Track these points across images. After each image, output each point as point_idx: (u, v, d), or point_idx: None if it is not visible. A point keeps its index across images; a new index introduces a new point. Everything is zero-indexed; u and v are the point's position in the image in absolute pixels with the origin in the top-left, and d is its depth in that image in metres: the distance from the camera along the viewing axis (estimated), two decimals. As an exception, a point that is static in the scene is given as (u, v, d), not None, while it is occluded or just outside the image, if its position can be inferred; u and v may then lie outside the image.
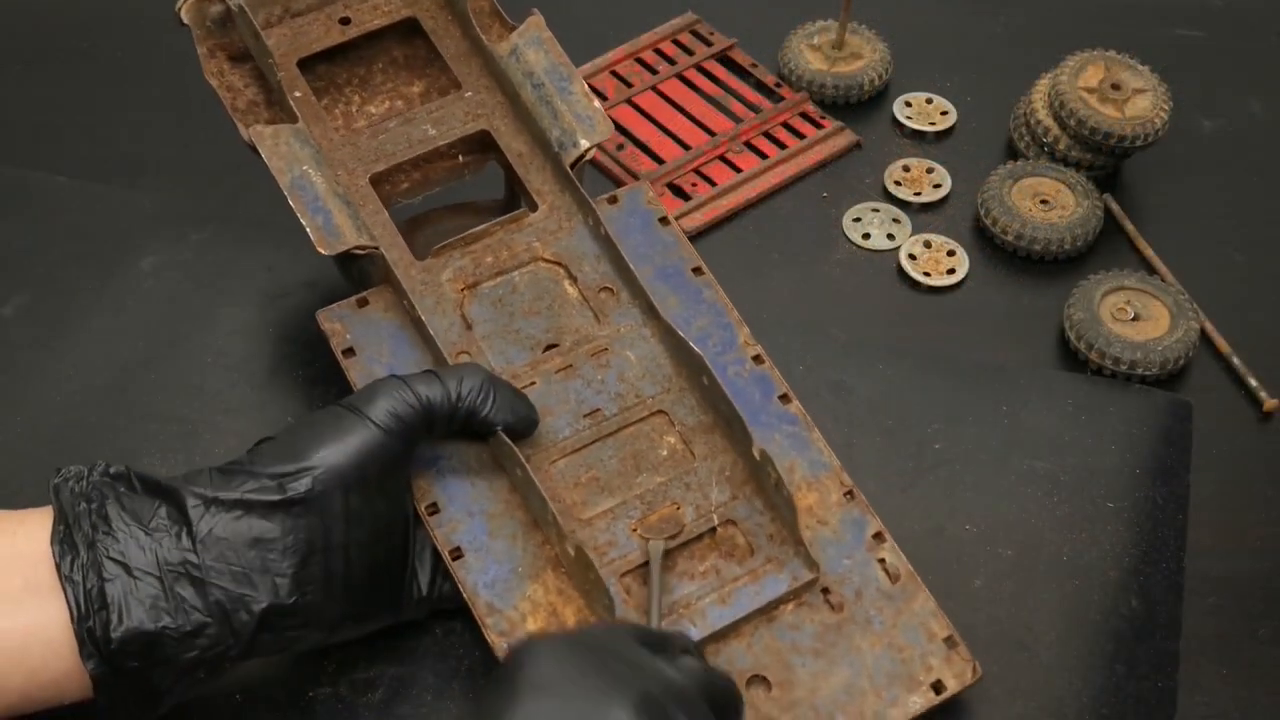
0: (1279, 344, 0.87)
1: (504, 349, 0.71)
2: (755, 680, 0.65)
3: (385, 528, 0.64)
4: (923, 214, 0.93)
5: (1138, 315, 0.85)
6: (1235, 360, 0.85)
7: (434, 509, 0.67)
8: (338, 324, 0.71)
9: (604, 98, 0.97)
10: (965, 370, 0.83)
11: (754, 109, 0.97)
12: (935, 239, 0.91)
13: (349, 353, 0.70)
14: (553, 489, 0.68)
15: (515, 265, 0.73)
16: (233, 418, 0.78)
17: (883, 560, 0.67)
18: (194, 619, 0.59)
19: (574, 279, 0.73)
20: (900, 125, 0.98)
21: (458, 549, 0.66)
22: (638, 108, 0.97)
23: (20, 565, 0.59)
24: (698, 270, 0.74)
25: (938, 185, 0.94)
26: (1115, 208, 0.93)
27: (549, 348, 0.71)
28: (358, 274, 0.74)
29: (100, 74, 0.99)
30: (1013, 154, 0.96)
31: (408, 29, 0.79)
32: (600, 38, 0.99)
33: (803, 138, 0.96)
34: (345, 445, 0.62)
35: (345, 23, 0.78)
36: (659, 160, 0.93)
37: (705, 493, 0.68)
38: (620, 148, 0.94)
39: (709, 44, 1.01)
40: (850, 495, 0.69)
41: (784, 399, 0.71)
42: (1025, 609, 0.72)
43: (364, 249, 0.70)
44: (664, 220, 0.75)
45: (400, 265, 0.72)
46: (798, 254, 0.90)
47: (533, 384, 0.70)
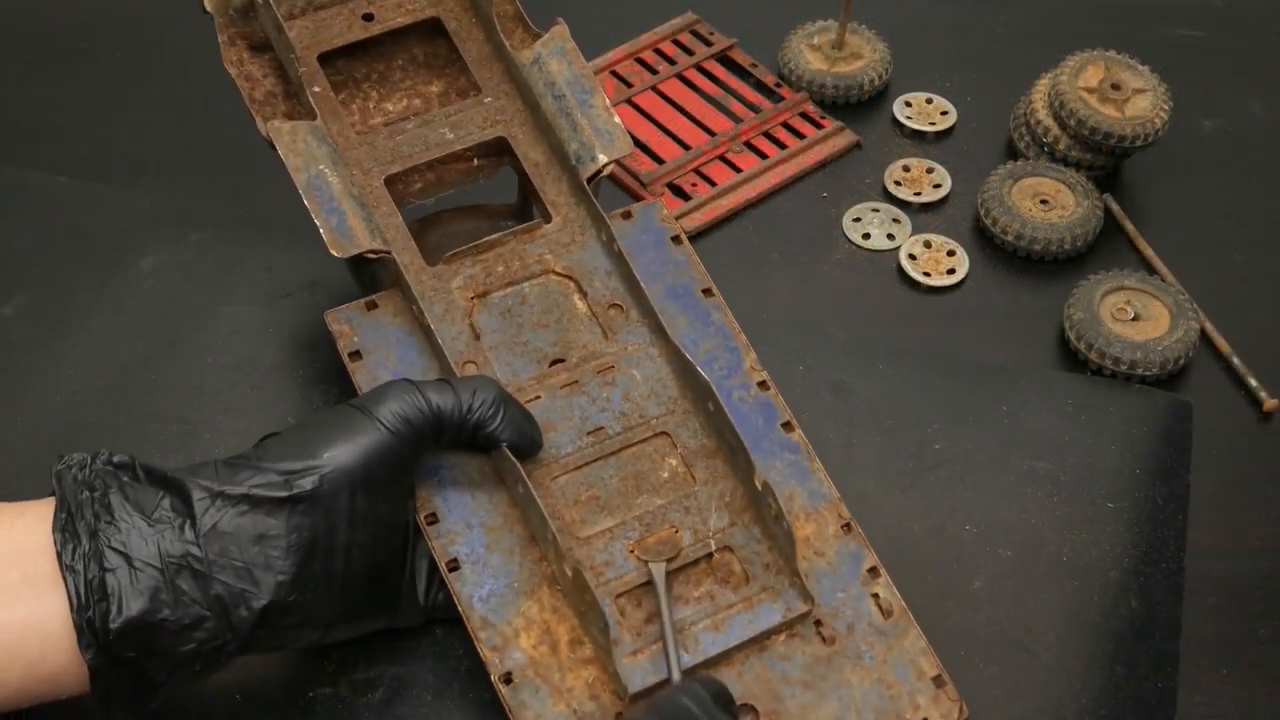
0: (1279, 344, 0.87)
1: (510, 361, 0.71)
2: (744, 709, 0.64)
3: (387, 531, 0.64)
4: (923, 214, 0.93)
5: (1138, 315, 0.85)
6: (1235, 360, 0.85)
7: (433, 519, 0.66)
8: (346, 326, 0.71)
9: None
10: (965, 370, 0.83)
11: (754, 109, 0.97)
12: (935, 239, 0.91)
13: (355, 356, 0.70)
14: (552, 506, 0.67)
15: (526, 276, 0.73)
16: (233, 418, 0.78)
17: (876, 595, 0.67)
18: (193, 612, 0.59)
19: (584, 294, 0.73)
20: (900, 125, 0.98)
21: (455, 561, 0.66)
22: (638, 108, 0.97)
23: (18, 558, 0.59)
24: (708, 292, 0.74)
25: (938, 185, 0.94)
26: (1115, 208, 0.93)
27: (555, 362, 0.71)
28: (368, 276, 0.74)
29: (100, 74, 0.99)
30: (1013, 154, 0.96)
31: (430, 28, 0.79)
32: (600, 38, 0.99)
33: (803, 138, 0.96)
34: (354, 446, 0.62)
35: (368, 19, 0.77)
36: (659, 160, 0.93)
37: (704, 517, 0.68)
38: (620, 148, 0.94)
39: (709, 44, 1.01)
40: (848, 528, 0.69)
41: (787, 426, 0.71)
42: (1025, 610, 0.72)
43: (376, 253, 0.70)
44: (676, 239, 0.75)
45: (411, 270, 0.71)
46: (798, 254, 0.90)
47: (537, 398, 0.70)
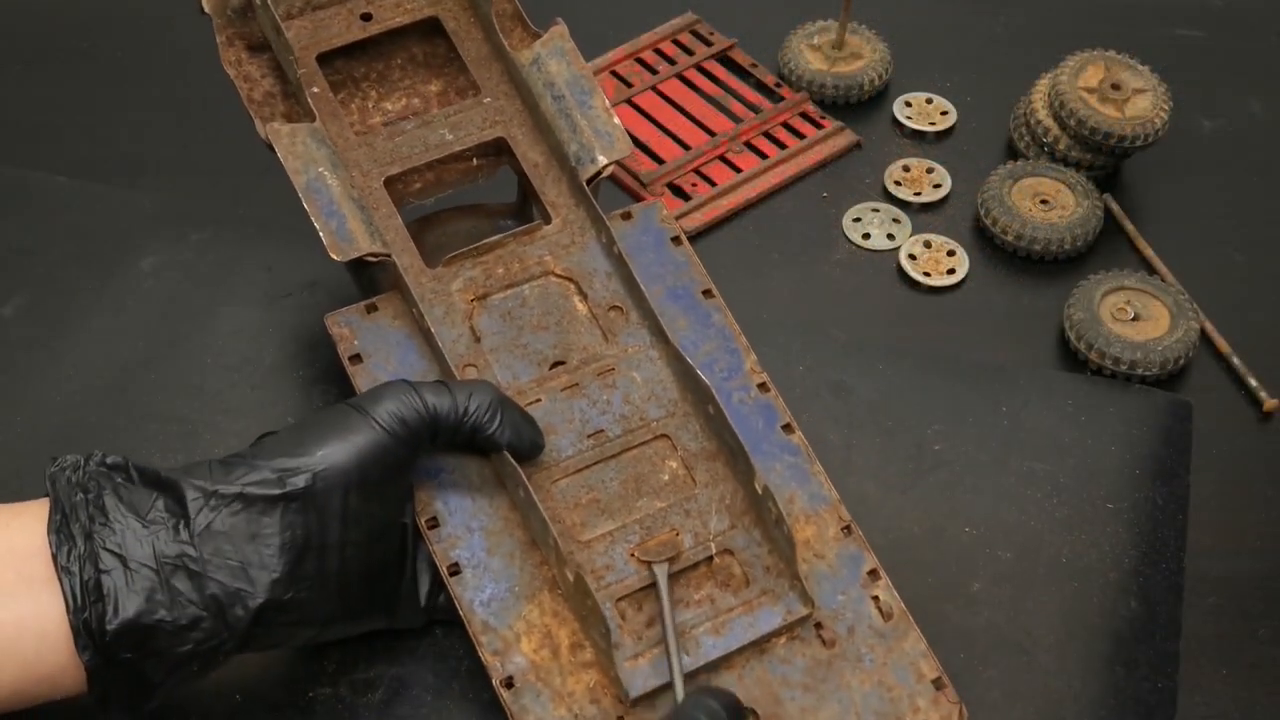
0: (1279, 344, 0.87)
1: (511, 363, 0.71)
2: (744, 712, 0.64)
3: (382, 531, 0.64)
4: (923, 214, 0.93)
5: (1138, 315, 0.85)
6: (1235, 360, 0.85)
7: (434, 523, 0.66)
8: (346, 329, 0.70)
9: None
10: (965, 370, 0.83)
11: (754, 109, 0.97)
12: (935, 239, 0.91)
13: (356, 359, 0.70)
14: (553, 509, 0.67)
15: (526, 278, 0.73)
16: (233, 418, 0.78)
17: (876, 598, 0.67)
18: (190, 612, 0.59)
19: (584, 296, 0.73)
20: (900, 125, 0.98)
21: (455, 565, 0.66)
22: (638, 108, 0.97)
23: (13, 560, 0.59)
24: (708, 293, 0.73)
25: (938, 185, 0.94)
26: (1115, 208, 0.93)
27: (555, 364, 0.71)
28: (367, 278, 0.74)
29: (100, 74, 0.99)
30: (1013, 154, 0.96)
31: (429, 28, 0.78)
32: (600, 38, 0.99)
33: (803, 138, 0.96)
34: (348, 444, 0.62)
35: (367, 19, 0.77)
36: (659, 160, 0.93)
37: (704, 520, 0.68)
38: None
39: (709, 44, 1.01)
40: (848, 530, 0.68)
41: (787, 429, 0.71)
42: (1025, 611, 0.72)
43: (376, 256, 0.70)
44: (676, 240, 0.75)
45: (411, 273, 0.71)
46: (798, 254, 0.90)
47: (538, 401, 0.70)
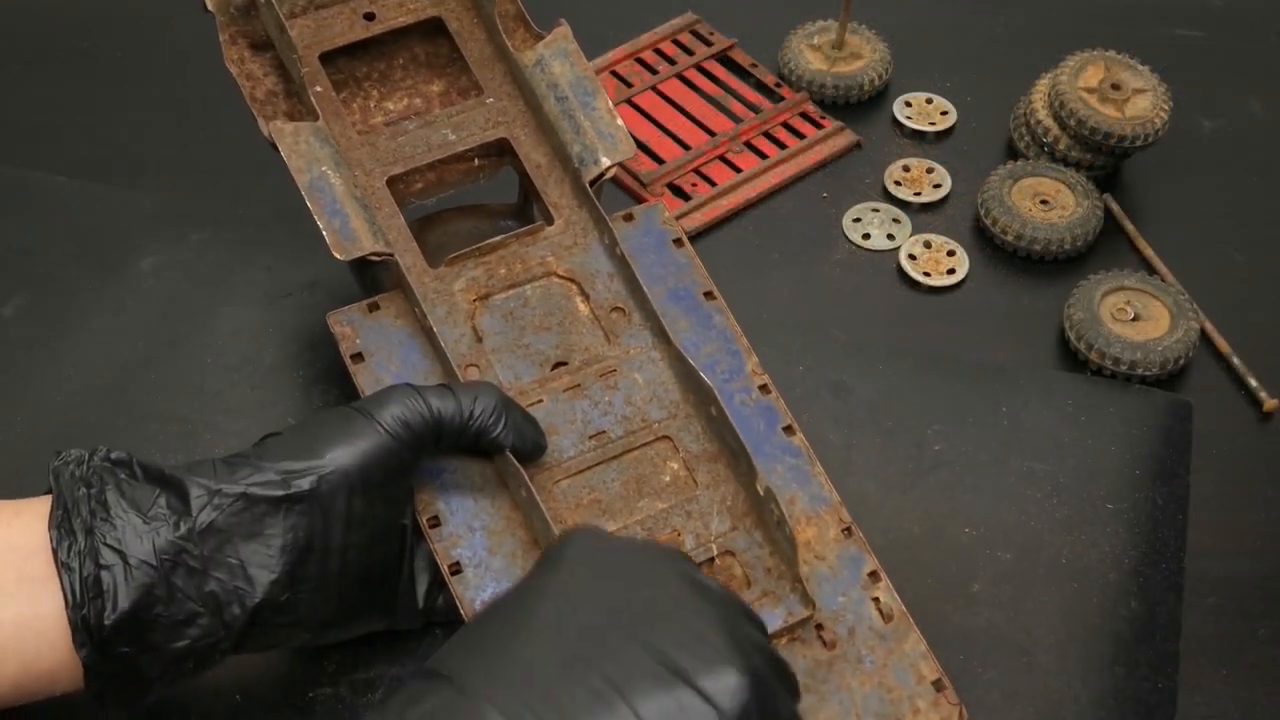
0: (1279, 344, 0.87)
1: (513, 364, 0.71)
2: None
3: (384, 534, 0.64)
4: (923, 214, 0.93)
5: (1138, 315, 0.85)
6: (1235, 360, 0.85)
7: (435, 522, 0.66)
8: (348, 328, 0.70)
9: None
10: (965, 370, 0.83)
11: (754, 109, 0.97)
12: (935, 239, 0.91)
13: (358, 358, 0.70)
14: (555, 510, 0.67)
15: (528, 279, 0.73)
16: (233, 418, 0.78)
17: (877, 599, 0.67)
18: (187, 608, 0.59)
19: (586, 296, 0.73)
20: (900, 125, 0.98)
21: (457, 564, 0.66)
22: (638, 108, 0.97)
23: (14, 556, 0.59)
24: (709, 295, 0.73)
25: (938, 185, 0.94)
26: (1115, 208, 0.93)
27: (557, 365, 0.71)
28: (369, 278, 0.74)
29: (100, 74, 0.99)
30: (1013, 154, 0.96)
31: (431, 28, 0.78)
32: (600, 38, 0.99)
33: (803, 138, 0.96)
34: (353, 448, 0.62)
35: (370, 18, 0.77)
36: (659, 160, 0.93)
37: (706, 522, 0.68)
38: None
39: (709, 44, 1.01)
40: (848, 532, 0.68)
41: (788, 430, 0.71)
42: (1025, 612, 0.72)
43: (379, 255, 0.70)
44: (678, 241, 0.75)
45: (414, 272, 0.71)
46: (798, 254, 0.90)
47: (540, 402, 0.70)
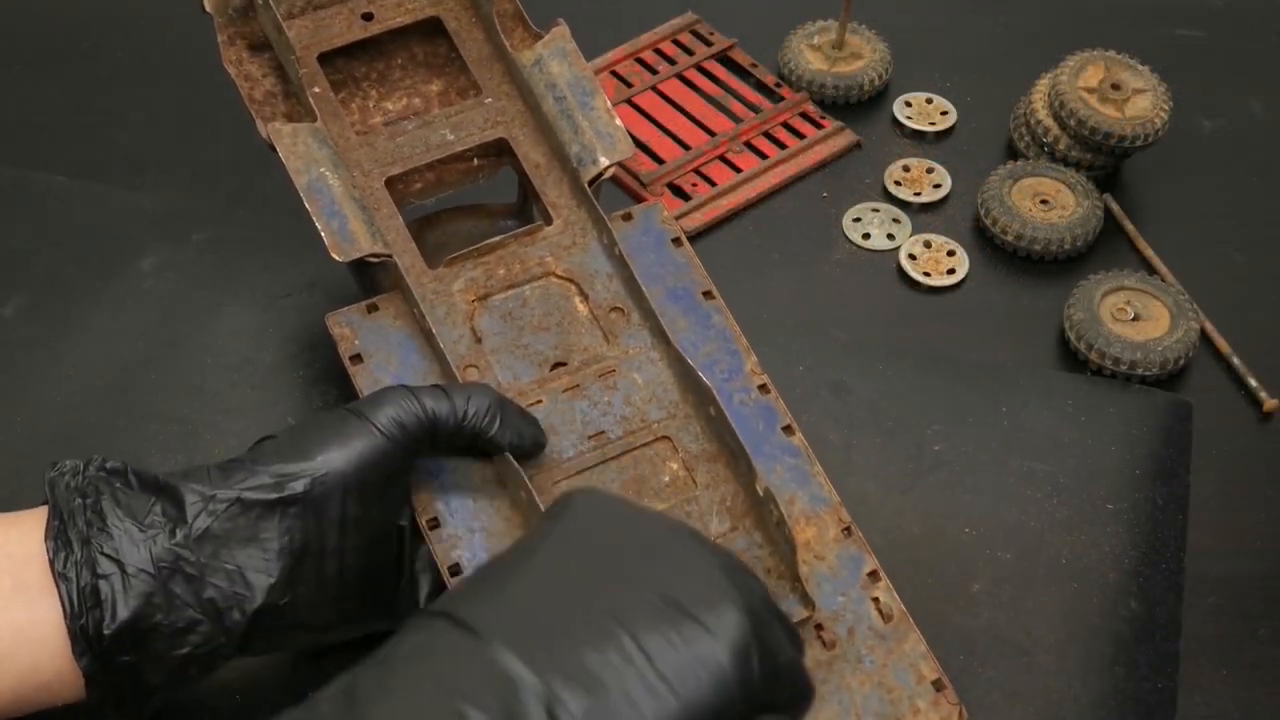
0: (1279, 344, 0.87)
1: (512, 364, 0.70)
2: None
3: (380, 535, 0.64)
4: (923, 214, 0.93)
5: (1138, 315, 0.85)
6: (1235, 360, 0.85)
7: (435, 523, 0.66)
8: (347, 329, 0.70)
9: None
10: (965, 370, 0.83)
11: (754, 109, 0.97)
12: (935, 239, 0.91)
13: (356, 359, 0.70)
14: None
15: (527, 279, 0.73)
16: (233, 418, 0.78)
17: (877, 599, 0.67)
18: (187, 616, 0.59)
19: (585, 296, 0.73)
20: (900, 125, 0.98)
21: (457, 565, 0.65)
22: (638, 108, 0.97)
23: (11, 567, 0.59)
24: (709, 294, 0.73)
25: (938, 185, 0.94)
26: (1115, 208, 0.93)
27: (556, 365, 0.71)
28: (368, 278, 0.73)
29: (100, 74, 0.99)
30: (1013, 154, 0.96)
31: (430, 28, 0.78)
32: (600, 38, 0.99)
33: (803, 138, 0.96)
34: (348, 449, 0.62)
35: (368, 18, 0.77)
36: (659, 160, 0.93)
37: (705, 522, 0.67)
38: (620, 148, 0.94)
39: (709, 44, 1.01)
40: (848, 532, 0.68)
41: (788, 430, 0.70)
42: (1025, 612, 0.72)
43: (378, 256, 0.70)
44: (677, 241, 0.74)
45: (412, 273, 0.71)
46: (798, 254, 0.90)
47: (539, 402, 0.69)
